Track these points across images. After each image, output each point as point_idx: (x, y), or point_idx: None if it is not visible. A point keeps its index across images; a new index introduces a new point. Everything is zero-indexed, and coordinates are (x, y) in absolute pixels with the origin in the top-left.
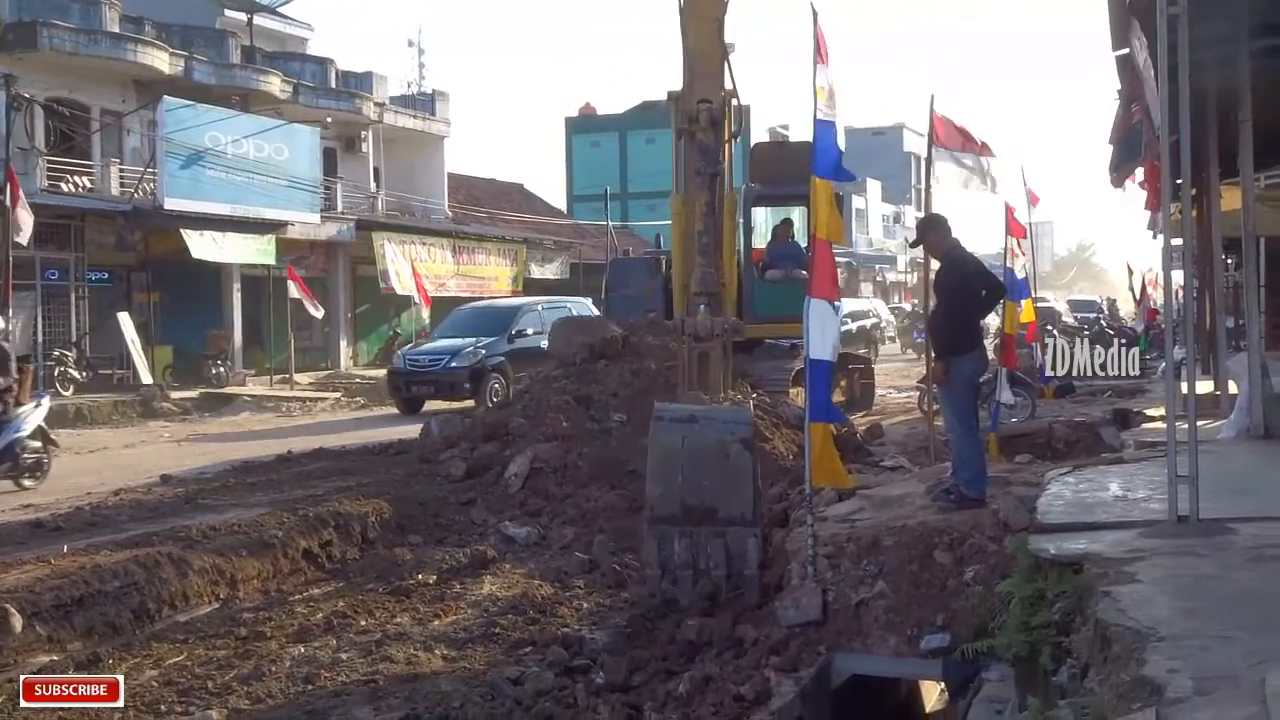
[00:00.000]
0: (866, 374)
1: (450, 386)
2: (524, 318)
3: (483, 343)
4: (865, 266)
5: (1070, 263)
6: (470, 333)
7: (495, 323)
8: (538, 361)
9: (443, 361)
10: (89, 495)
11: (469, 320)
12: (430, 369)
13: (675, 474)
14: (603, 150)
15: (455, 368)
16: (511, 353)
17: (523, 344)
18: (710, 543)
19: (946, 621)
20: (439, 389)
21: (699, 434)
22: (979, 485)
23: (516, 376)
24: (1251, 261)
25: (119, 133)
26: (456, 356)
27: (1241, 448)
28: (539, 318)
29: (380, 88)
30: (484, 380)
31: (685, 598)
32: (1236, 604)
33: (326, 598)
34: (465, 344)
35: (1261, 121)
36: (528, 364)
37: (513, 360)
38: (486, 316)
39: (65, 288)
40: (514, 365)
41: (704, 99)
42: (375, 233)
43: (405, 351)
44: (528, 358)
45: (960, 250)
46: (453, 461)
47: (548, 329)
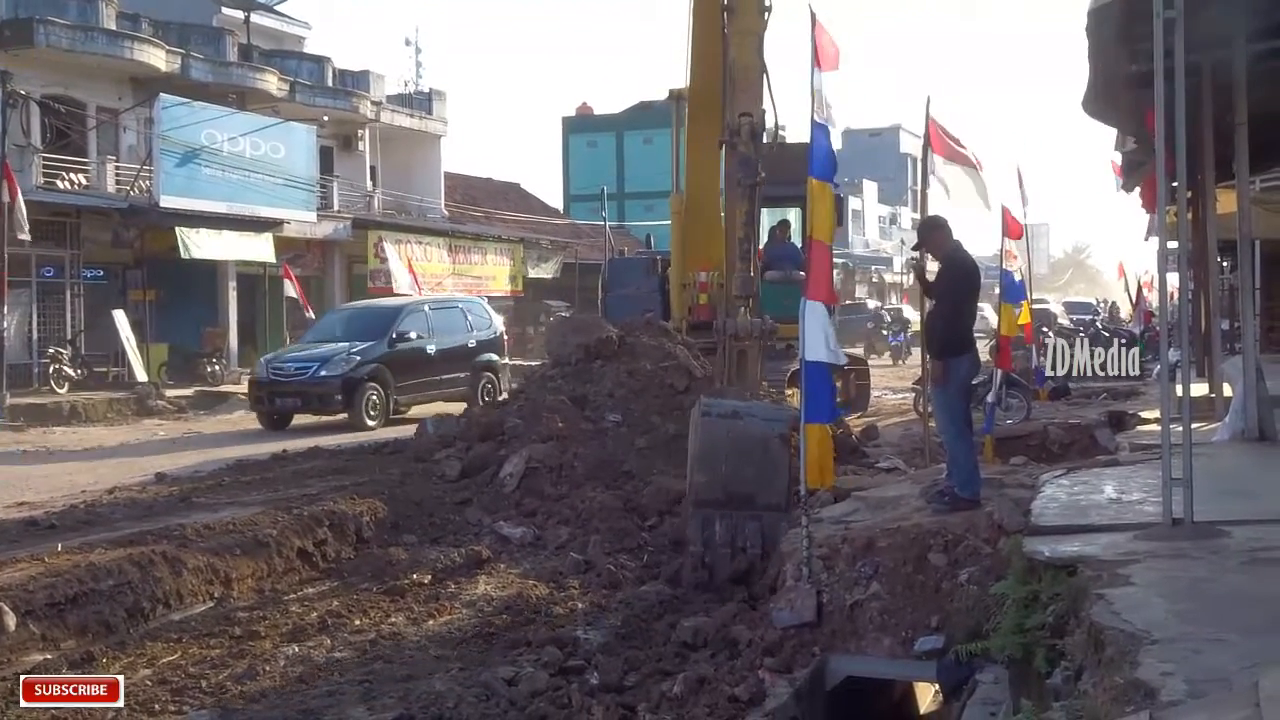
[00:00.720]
0: (862, 375)
1: (319, 399)
2: (407, 319)
3: (358, 348)
4: (861, 267)
5: (1066, 264)
6: (346, 336)
7: (374, 325)
8: (423, 368)
9: (311, 370)
10: (83, 493)
11: (345, 322)
12: (296, 378)
13: (719, 464)
14: (600, 150)
15: (325, 377)
16: (392, 359)
17: (405, 349)
18: (747, 525)
19: (941, 623)
20: (307, 401)
21: (743, 428)
22: (972, 486)
23: (398, 385)
24: (1247, 264)
25: (115, 130)
26: (327, 364)
27: (1236, 450)
28: (424, 319)
29: (377, 86)
30: (359, 391)
31: (724, 572)
32: (1230, 607)
33: (321, 597)
34: (337, 350)
35: (1257, 125)
36: (411, 371)
37: (394, 367)
38: (365, 318)
39: (60, 285)
40: (395, 373)
41: (745, 112)
42: (370, 231)
43: (269, 358)
44: (411, 364)
45: (962, 252)
46: (448, 461)
47: (435, 331)
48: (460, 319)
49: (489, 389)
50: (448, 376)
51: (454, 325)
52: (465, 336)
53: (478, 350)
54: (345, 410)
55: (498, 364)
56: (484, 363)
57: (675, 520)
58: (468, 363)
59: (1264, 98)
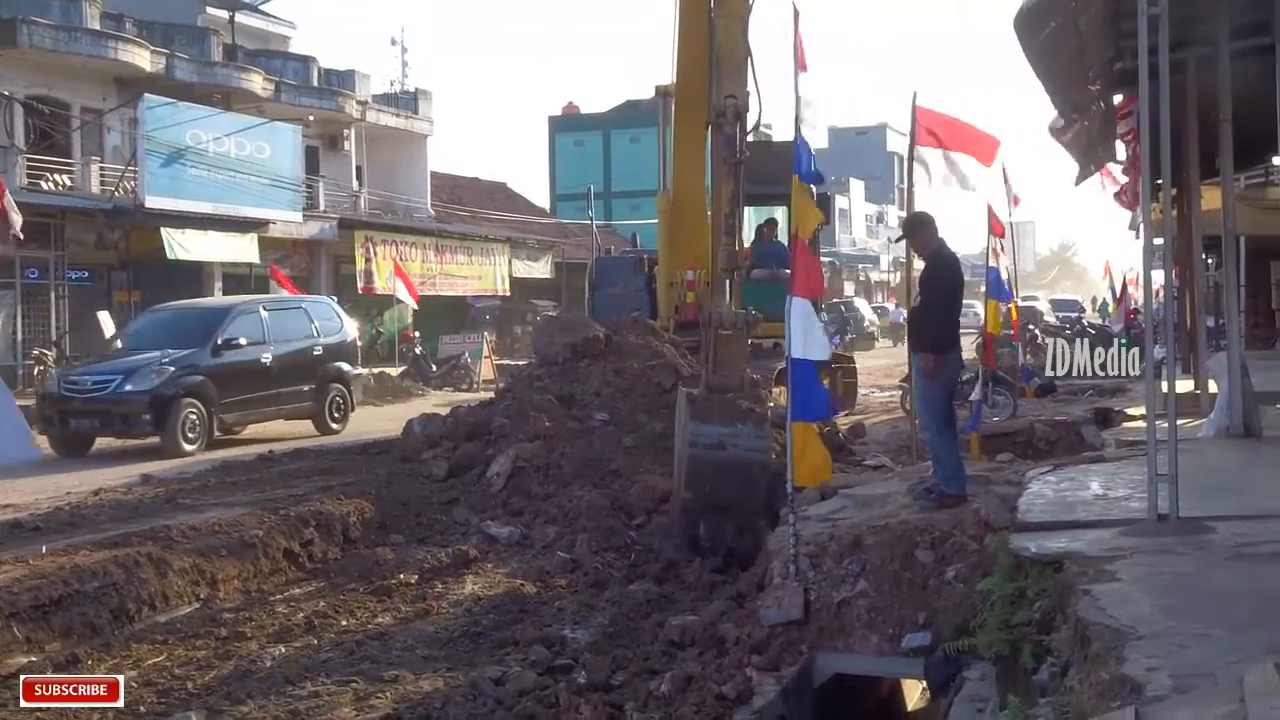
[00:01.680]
0: (849, 373)
1: (123, 419)
2: (236, 322)
3: (173, 357)
4: (848, 266)
5: (1052, 262)
6: (161, 343)
7: (194, 330)
8: (256, 381)
9: (113, 384)
10: (68, 495)
11: (162, 327)
12: (95, 394)
13: (705, 485)
14: (586, 149)
15: (130, 393)
16: (216, 370)
17: (233, 358)
18: (728, 524)
19: (928, 620)
20: (107, 422)
21: (727, 457)
22: (957, 481)
23: (224, 402)
24: (1231, 261)
25: (99, 131)
26: (132, 377)
27: (1221, 446)
28: (258, 323)
29: (363, 86)
30: (173, 409)
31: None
32: (1215, 602)
33: (307, 598)
34: (147, 360)
35: (1241, 122)
36: (240, 385)
37: (219, 380)
38: (184, 321)
39: (45, 286)
40: (221, 387)
41: (730, 94)
42: (356, 231)
43: (63, 371)
44: (241, 376)
45: (946, 250)
46: (435, 461)
47: (272, 337)
48: (303, 322)
49: (338, 404)
50: (288, 390)
51: (295, 329)
52: (309, 342)
53: (324, 358)
54: (156, 432)
55: (348, 374)
56: (332, 373)
57: (662, 519)
58: (312, 374)
59: (1249, 95)
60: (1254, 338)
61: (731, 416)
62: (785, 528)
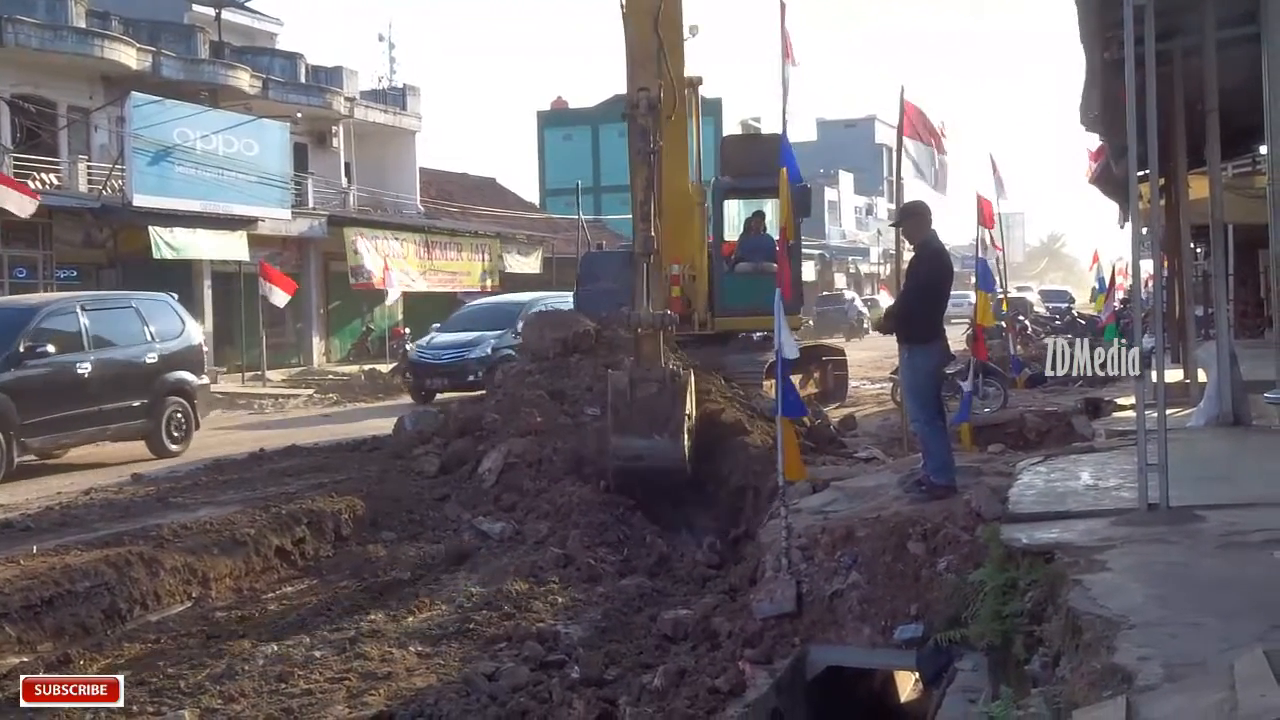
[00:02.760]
0: (840, 365)
1: None
2: (45, 325)
3: None
4: (838, 258)
5: (1042, 253)
6: None
7: None
8: (71, 397)
9: None
10: (59, 494)
11: None
12: None
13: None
14: (575, 144)
15: None
16: (18, 384)
17: (41, 368)
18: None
19: (920, 612)
20: None
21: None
22: (947, 473)
23: (28, 423)
24: (1220, 250)
25: (86, 129)
26: None
27: (1211, 435)
28: (76, 325)
29: (351, 82)
30: None
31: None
32: (1206, 591)
33: (300, 595)
34: None
35: (1228, 111)
36: (50, 402)
37: (21, 396)
38: None
39: (34, 286)
40: (24, 404)
41: (643, 87)
42: (346, 228)
43: None
44: (51, 390)
45: (937, 242)
46: (426, 457)
47: (93, 342)
48: (134, 324)
49: (179, 420)
50: (112, 406)
51: (123, 333)
52: (141, 349)
53: (161, 367)
54: None
55: (192, 385)
56: (170, 385)
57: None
58: (145, 386)
59: (1235, 84)
60: (1243, 326)
61: (650, 426)
62: (777, 521)
